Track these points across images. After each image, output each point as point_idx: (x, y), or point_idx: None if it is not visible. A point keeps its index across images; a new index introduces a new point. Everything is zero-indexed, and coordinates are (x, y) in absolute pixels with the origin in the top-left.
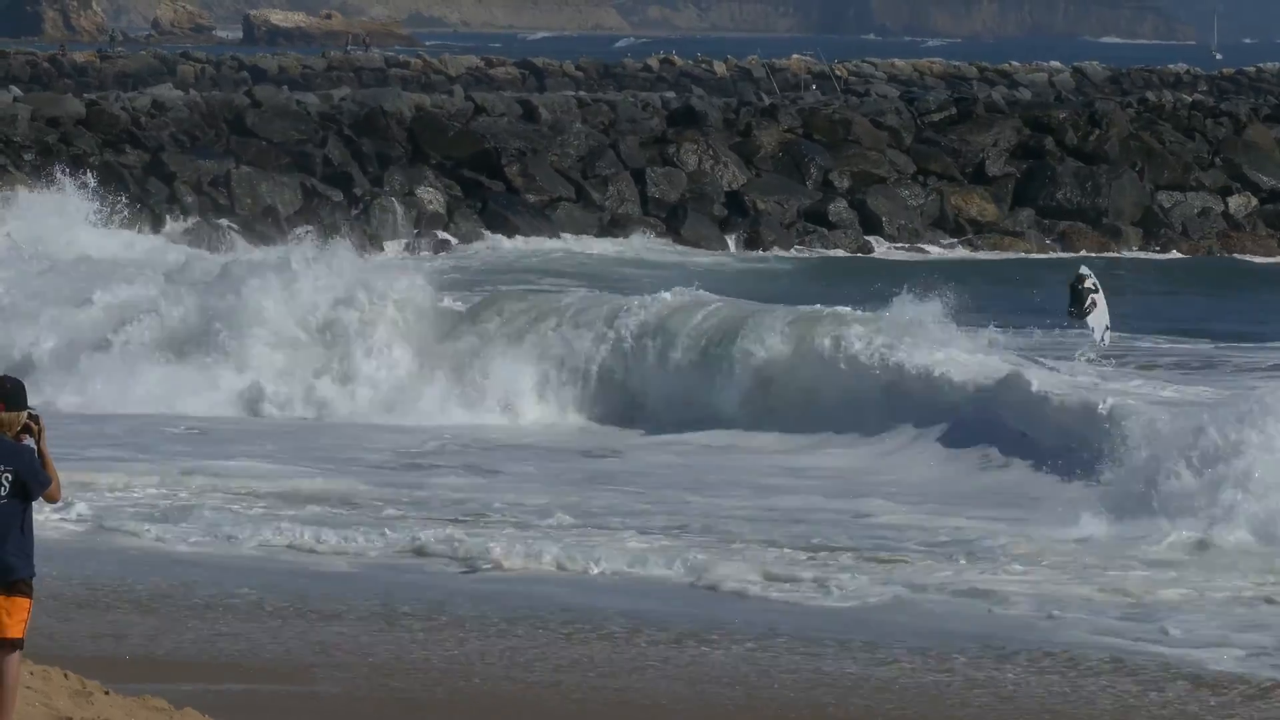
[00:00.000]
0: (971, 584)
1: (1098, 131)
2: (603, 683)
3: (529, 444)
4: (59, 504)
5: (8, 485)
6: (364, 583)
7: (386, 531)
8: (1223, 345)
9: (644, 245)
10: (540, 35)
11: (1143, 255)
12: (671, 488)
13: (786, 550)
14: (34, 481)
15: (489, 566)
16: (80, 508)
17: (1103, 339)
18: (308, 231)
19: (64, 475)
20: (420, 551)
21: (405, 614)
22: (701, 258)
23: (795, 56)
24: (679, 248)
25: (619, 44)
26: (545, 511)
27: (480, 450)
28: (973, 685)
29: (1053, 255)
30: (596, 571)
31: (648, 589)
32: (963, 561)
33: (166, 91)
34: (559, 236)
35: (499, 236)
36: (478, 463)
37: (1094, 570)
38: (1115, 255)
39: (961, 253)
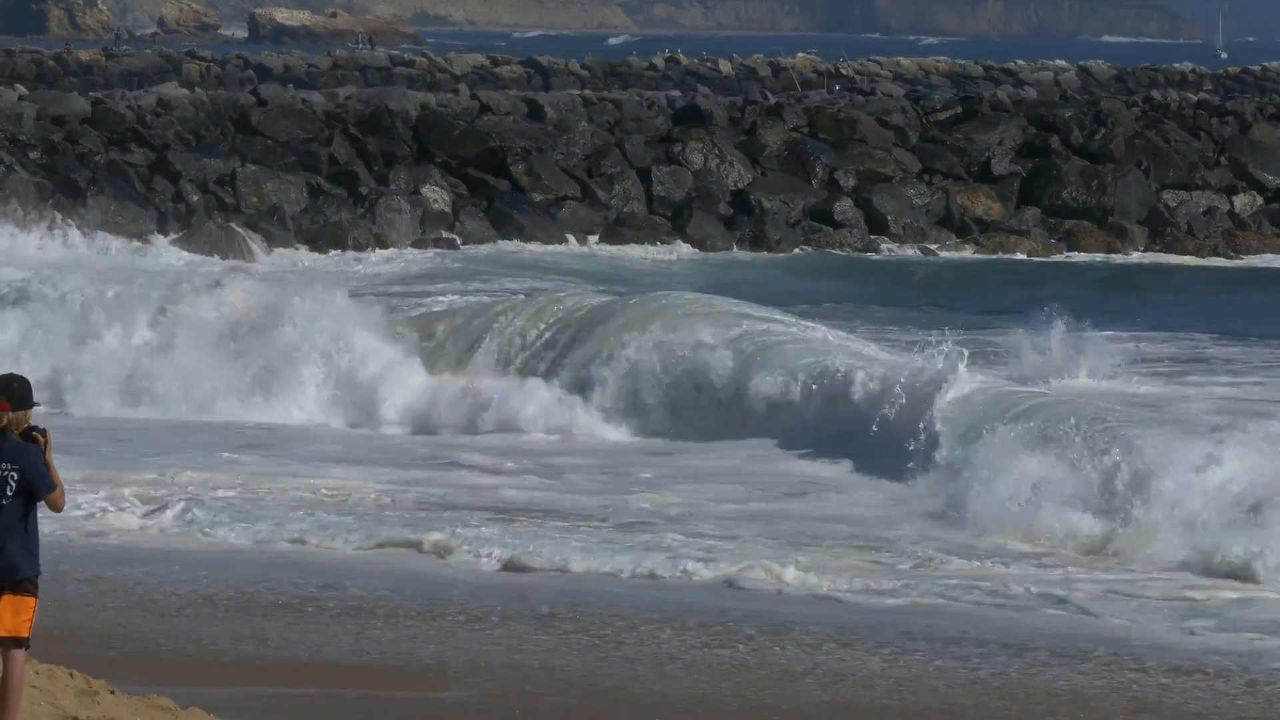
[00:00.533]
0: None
1: (1103, 130)
2: (741, 690)
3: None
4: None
5: (13, 484)
6: (500, 587)
7: (504, 534)
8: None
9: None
10: (535, 33)
11: (1149, 257)
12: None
13: (869, 552)
14: (39, 482)
15: (623, 572)
16: (194, 512)
17: None
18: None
19: (155, 475)
20: (550, 561)
21: (547, 616)
22: (717, 258)
23: (800, 55)
24: (711, 255)
25: (612, 41)
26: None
27: (534, 456)
28: (1114, 689)
29: (1058, 258)
30: (720, 577)
31: (771, 593)
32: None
33: (172, 90)
34: (564, 241)
35: (524, 243)
36: (539, 467)
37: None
38: (1123, 257)
39: (967, 252)
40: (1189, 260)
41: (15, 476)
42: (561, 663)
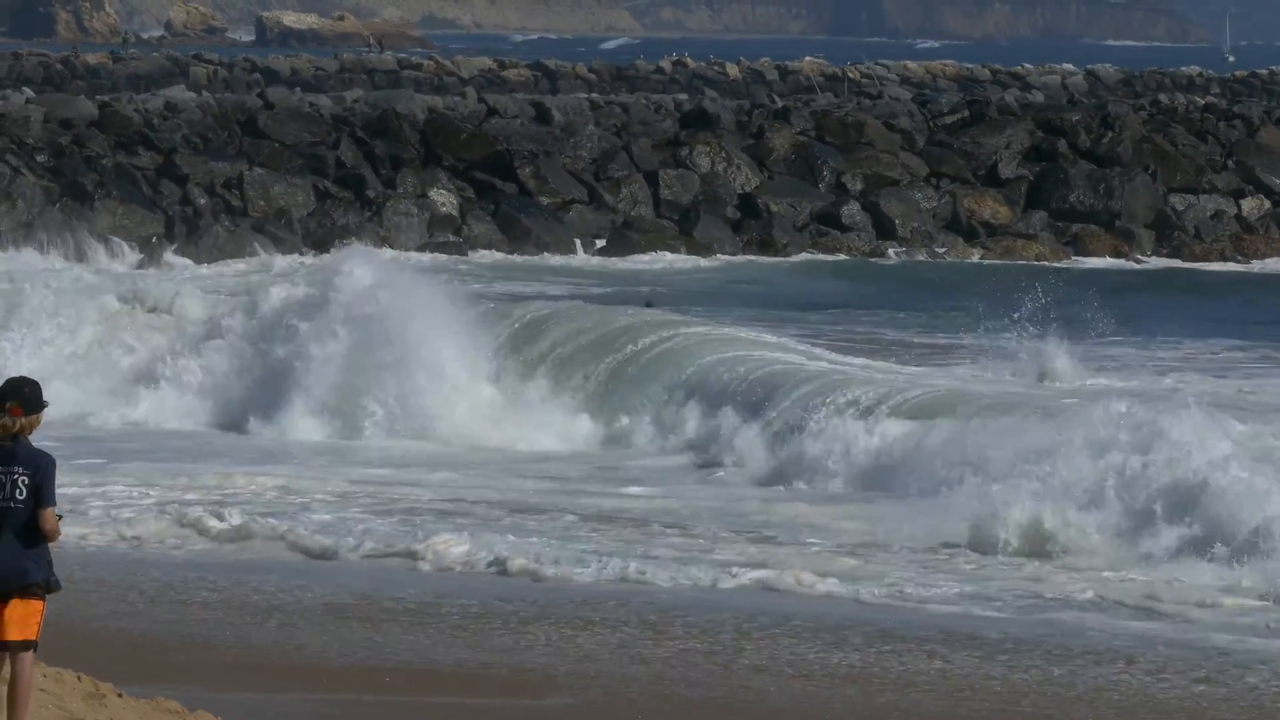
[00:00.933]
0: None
1: (1110, 134)
2: (856, 699)
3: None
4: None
5: (25, 489)
6: (607, 593)
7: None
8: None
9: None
10: (534, 36)
11: (1157, 262)
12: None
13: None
14: (46, 489)
15: (726, 579)
16: (300, 529)
17: None
18: None
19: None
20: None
21: (655, 623)
22: (727, 259)
23: (808, 59)
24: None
25: (609, 44)
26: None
27: (573, 463)
28: (1232, 697)
29: (1064, 264)
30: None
31: (876, 601)
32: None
33: (179, 93)
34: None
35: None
36: (597, 472)
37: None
38: (1131, 263)
39: (974, 256)
40: (1207, 266)
41: (26, 481)
42: (673, 672)
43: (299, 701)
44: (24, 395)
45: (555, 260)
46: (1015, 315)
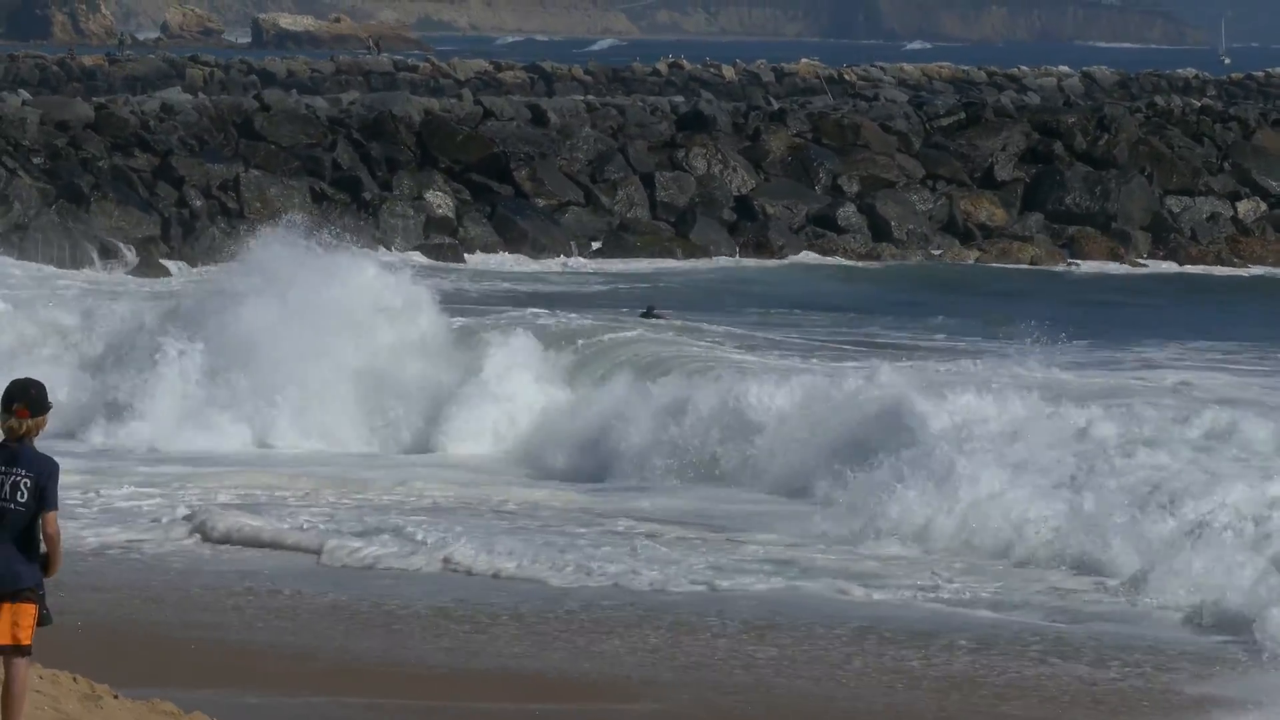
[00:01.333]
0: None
1: (1106, 136)
2: (954, 709)
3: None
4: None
5: (26, 491)
6: (709, 600)
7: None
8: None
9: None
10: (521, 38)
11: (1154, 264)
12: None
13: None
14: (49, 493)
15: (821, 585)
16: (292, 528)
17: None
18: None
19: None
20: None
21: (764, 628)
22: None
23: (804, 61)
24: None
25: (597, 46)
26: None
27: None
28: None
29: (1060, 266)
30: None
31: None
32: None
33: (175, 95)
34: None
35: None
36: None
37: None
38: (1125, 267)
39: (970, 258)
40: (1203, 269)
41: (28, 483)
42: (780, 679)
43: (300, 703)
44: (30, 397)
45: (551, 262)
46: (1007, 317)
